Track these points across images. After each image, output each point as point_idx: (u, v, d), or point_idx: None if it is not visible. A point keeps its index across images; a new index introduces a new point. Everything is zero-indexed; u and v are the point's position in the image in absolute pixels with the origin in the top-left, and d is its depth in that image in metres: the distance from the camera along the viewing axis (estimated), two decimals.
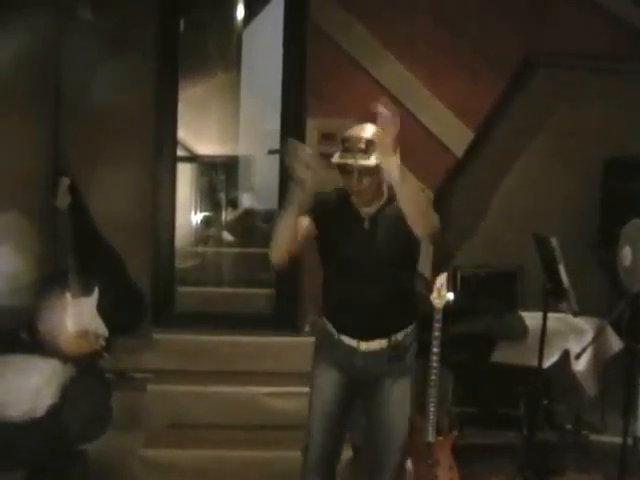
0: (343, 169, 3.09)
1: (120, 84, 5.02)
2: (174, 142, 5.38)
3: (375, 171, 3.07)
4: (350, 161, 3.06)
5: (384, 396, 3.22)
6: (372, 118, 2.98)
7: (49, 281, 4.21)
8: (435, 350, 3.88)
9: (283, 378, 4.76)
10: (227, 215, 6.74)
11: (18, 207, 4.23)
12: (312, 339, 3.41)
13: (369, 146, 3.04)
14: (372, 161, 3.04)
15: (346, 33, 5.23)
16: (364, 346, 3.19)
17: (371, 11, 5.23)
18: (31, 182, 4.60)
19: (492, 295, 5.15)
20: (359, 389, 3.31)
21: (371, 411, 3.28)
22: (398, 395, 3.22)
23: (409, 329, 3.27)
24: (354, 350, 3.20)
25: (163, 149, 5.28)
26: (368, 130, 3.09)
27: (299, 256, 3.24)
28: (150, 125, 5.23)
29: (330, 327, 3.26)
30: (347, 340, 3.21)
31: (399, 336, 3.22)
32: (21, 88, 4.58)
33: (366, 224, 3.18)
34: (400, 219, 3.05)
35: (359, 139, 3.06)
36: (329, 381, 3.27)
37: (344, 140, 3.11)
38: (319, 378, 3.29)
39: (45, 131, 4.96)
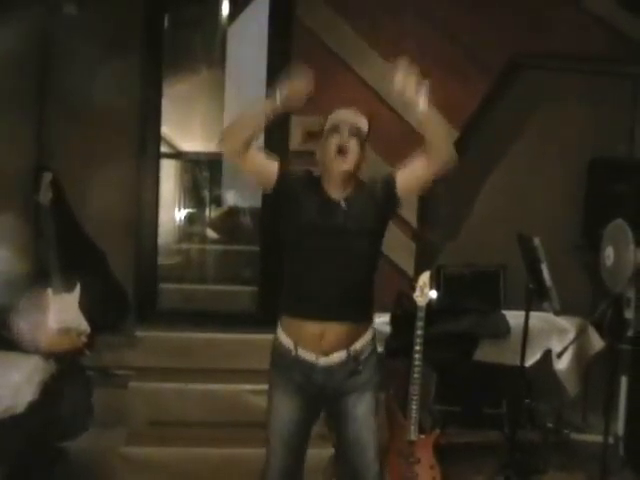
0: (334, 129, 3.05)
1: (104, 81, 5.00)
2: (158, 139, 5.36)
3: (362, 138, 3.08)
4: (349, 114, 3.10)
5: (348, 414, 3.10)
6: None
7: (30, 277, 4.17)
8: (417, 348, 3.90)
9: (265, 376, 4.73)
10: (211, 212, 6.73)
11: (0, 202, 4.20)
12: None
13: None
14: (365, 123, 3.09)
15: (332, 31, 5.23)
16: (323, 361, 3.05)
17: (357, 9, 5.24)
18: (13, 177, 4.57)
19: (475, 294, 5.16)
20: (320, 406, 3.21)
21: (338, 429, 3.18)
22: (362, 411, 3.09)
23: (367, 337, 3.13)
24: (313, 366, 3.07)
25: (147, 145, 5.26)
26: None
27: (245, 162, 3.05)
28: (134, 121, 5.21)
29: (287, 343, 3.12)
30: (306, 355, 3.07)
31: (357, 346, 3.08)
32: (5, 85, 4.55)
33: (342, 206, 3.05)
34: (373, 203, 3.05)
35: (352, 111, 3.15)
36: (286, 404, 3.14)
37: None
38: (276, 399, 3.18)
39: (28, 127, 4.93)
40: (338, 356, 3.06)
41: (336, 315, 3.04)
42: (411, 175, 3.15)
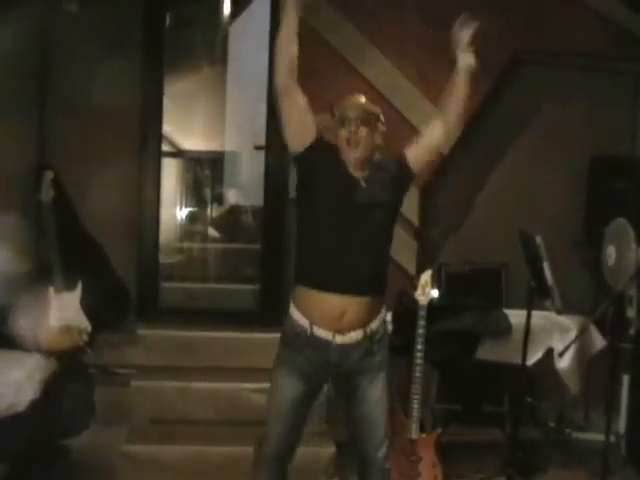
0: (343, 119, 3.14)
1: (106, 79, 5.01)
2: (159, 137, 5.36)
3: (374, 122, 3.16)
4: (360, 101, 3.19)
5: (362, 395, 3.18)
6: None
7: (32, 275, 4.17)
8: (419, 347, 3.89)
9: (268, 374, 4.74)
10: (212, 211, 6.73)
11: (1, 201, 4.20)
12: None
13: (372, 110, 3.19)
14: (377, 108, 3.19)
15: (333, 30, 5.22)
16: (339, 339, 3.08)
17: (359, 8, 5.23)
18: (14, 176, 4.57)
19: (477, 292, 5.15)
20: (325, 382, 3.29)
21: (351, 410, 3.24)
22: (377, 393, 3.18)
23: (381, 316, 3.20)
24: (328, 344, 3.09)
25: (148, 144, 5.26)
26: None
27: (289, 98, 3.19)
28: (135, 120, 5.21)
29: (302, 322, 3.11)
30: (321, 333, 3.08)
31: (373, 325, 3.14)
32: (5, 84, 4.55)
33: (362, 184, 3.13)
34: (389, 179, 3.16)
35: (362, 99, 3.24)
36: (290, 382, 3.18)
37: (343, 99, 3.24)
38: (280, 375, 3.21)
39: (29, 126, 4.94)
40: (355, 335, 3.10)
41: (357, 287, 3.07)
42: (423, 147, 3.29)
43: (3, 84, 4.53)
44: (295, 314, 3.15)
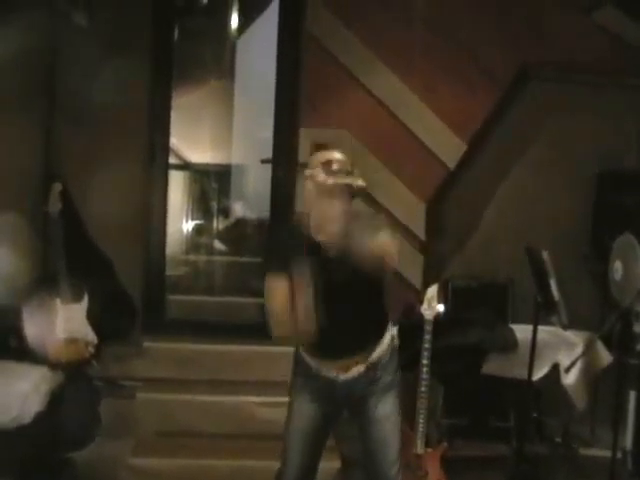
0: (328, 193, 2.93)
1: (114, 91, 5.02)
2: (166, 149, 5.37)
3: (357, 194, 2.99)
4: (346, 181, 2.93)
5: (371, 414, 3.17)
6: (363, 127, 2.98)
7: (39, 287, 4.19)
8: (425, 362, 3.89)
9: (273, 387, 4.74)
10: (219, 224, 6.74)
11: (9, 211, 4.21)
12: None
13: (353, 168, 2.99)
14: (362, 182, 2.96)
15: (341, 44, 5.23)
16: (343, 376, 3.13)
17: (365, 21, 5.24)
18: (23, 186, 4.59)
19: (483, 307, 5.14)
20: (341, 411, 3.28)
21: (361, 427, 3.24)
22: (386, 411, 3.16)
23: (383, 345, 3.17)
24: (334, 382, 3.14)
25: (155, 156, 5.27)
26: (342, 154, 3.03)
27: None
28: (143, 132, 5.22)
29: (307, 359, 3.18)
30: (326, 372, 3.13)
31: (374, 357, 3.14)
32: (15, 91, 4.57)
33: (335, 256, 2.99)
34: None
35: (345, 161, 2.99)
36: (306, 411, 3.20)
37: (327, 163, 2.96)
38: (296, 404, 3.22)
39: (38, 137, 4.95)
40: (357, 370, 3.13)
41: (347, 354, 3.12)
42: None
43: (12, 94, 4.55)
44: (302, 352, 3.22)
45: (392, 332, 3.24)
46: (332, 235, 2.99)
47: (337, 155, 3.01)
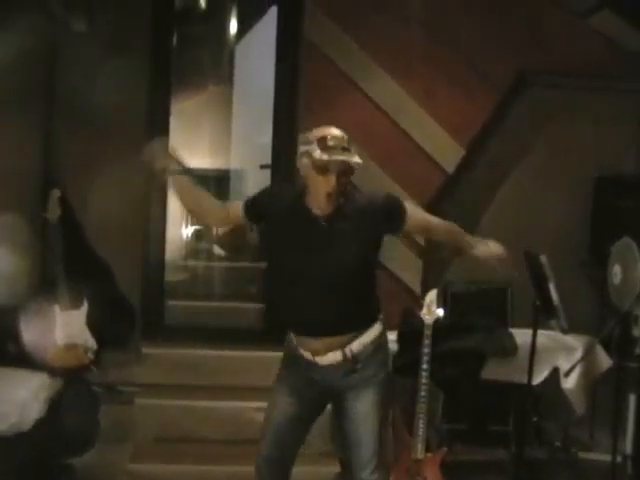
0: (323, 169, 2.93)
1: (112, 96, 5.02)
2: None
3: (353, 171, 2.99)
4: (342, 157, 2.92)
5: (347, 410, 3.12)
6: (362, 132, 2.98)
7: (38, 292, 4.18)
8: (424, 366, 3.88)
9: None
10: (218, 229, 6.73)
11: (8, 216, 4.21)
12: None
13: (350, 144, 2.97)
14: (358, 159, 2.96)
15: (339, 49, 5.25)
16: (319, 360, 3.08)
17: (364, 27, 5.25)
18: (22, 190, 4.59)
19: (482, 311, 5.14)
20: (322, 404, 3.27)
21: (339, 423, 3.21)
22: (362, 409, 3.09)
23: (366, 337, 3.10)
24: (313, 364, 3.10)
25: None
26: (339, 130, 3.02)
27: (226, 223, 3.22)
28: (142, 137, 5.21)
29: (292, 338, 3.17)
30: (305, 354, 3.11)
31: (354, 347, 3.07)
32: (14, 94, 4.58)
33: (322, 225, 3.00)
34: (365, 217, 2.99)
35: (341, 137, 2.97)
36: (286, 398, 3.20)
37: (323, 138, 2.94)
38: (278, 391, 3.24)
39: (37, 142, 4.96)
40: (333, 356, 3.07)
41: (325, 332, 3.06)
42: (421, 225, 3.28)
43: (11, 98, 4.55)
44: (290, 334, 3.21)
45: (380, 328, 3.16)
46: (325, 210, 2.99)
47: (334, 131, 2.99)
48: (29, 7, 4.59)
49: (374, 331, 3.14)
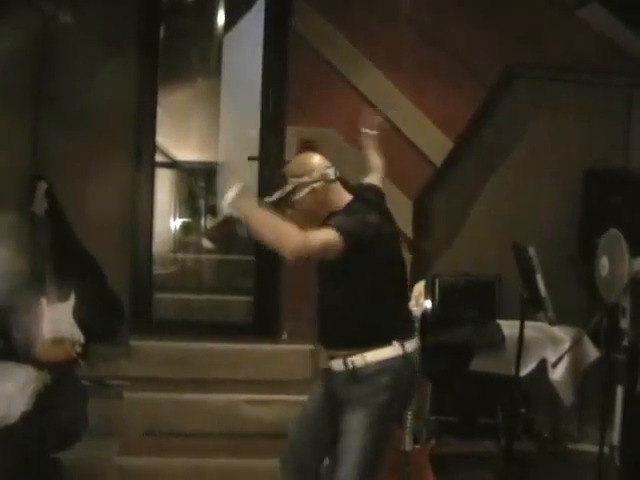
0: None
1: (100, 90, 5.00)
2: (153, 148, 5.36)
3: (293, 201, 3.19)
4: (274, 198, 3.24)
5: (341, 422, 3.14)
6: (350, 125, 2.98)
7: (25, 286, 4.16)
8: None
9: (262, 386, 4.75)
10: (206, 222, 6.72)
11: None
12: (291, 347, 3.36)
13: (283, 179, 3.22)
14: (273, 197, 3.21)
15: (327, 42, 5.24)
16: (331, 368, 3.20)
17: (352, 20, 5.25)
18: (8, 185, 4.57)
19: (471, 304, 5.15)
20: (336, 408, 3.26)
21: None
22: (350, 425, 3.10)
23: (371, 357, 3.10)
24: (328, 372, 3.24)
25: (142, 155, 5.26)
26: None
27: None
28: (129, 131, 5.21)
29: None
30: (323, 358, 3.28)
31: (356, 361, 3.10)
32: (1, 90, 4.56)
33: None
34: None
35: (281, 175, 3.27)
36: (314, 394, 3.35)
37: None
38: (308, 397, 3.39)
39: (24, 137, 4.94)
40: (336, 364, 3.16)
41: (329, 342, 3.23)
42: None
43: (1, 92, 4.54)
44: None
45: (392, 354, 3.11)
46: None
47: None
48: (17, 2, 4.57)
49: (382, 353, 3.11)
